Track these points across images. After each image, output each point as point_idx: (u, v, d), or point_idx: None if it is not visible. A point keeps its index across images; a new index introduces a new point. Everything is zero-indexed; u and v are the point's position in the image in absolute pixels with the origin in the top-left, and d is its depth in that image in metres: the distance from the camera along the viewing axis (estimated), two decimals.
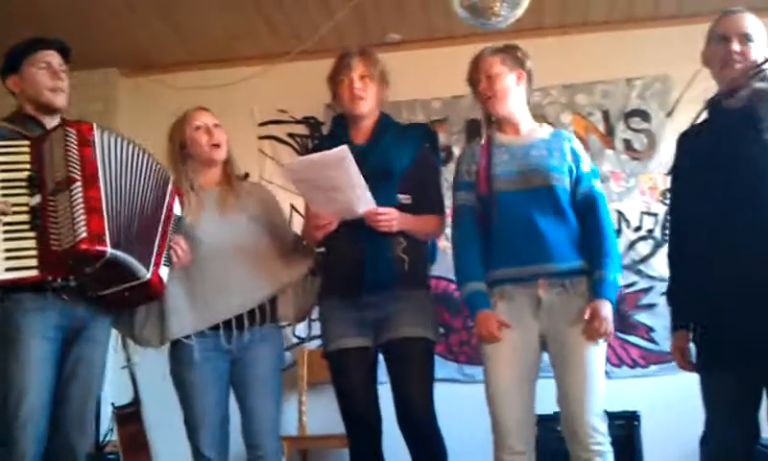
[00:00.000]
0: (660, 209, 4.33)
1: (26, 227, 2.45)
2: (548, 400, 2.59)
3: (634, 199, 4.43)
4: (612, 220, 2.87)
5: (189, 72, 4.78)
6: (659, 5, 4.42)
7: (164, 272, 2.68)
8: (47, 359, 2.51)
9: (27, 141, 2.55)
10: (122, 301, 2.67)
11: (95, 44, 4.37)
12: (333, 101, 2.93)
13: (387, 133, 2.83)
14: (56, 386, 2.54)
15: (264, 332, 2.84)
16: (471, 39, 3.70)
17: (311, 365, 4.24)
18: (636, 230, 4.39)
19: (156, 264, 2.62)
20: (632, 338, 4.28)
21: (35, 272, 2.43)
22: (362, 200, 2.63)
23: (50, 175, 2.48)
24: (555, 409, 2.58)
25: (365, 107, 2.80)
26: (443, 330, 3.94)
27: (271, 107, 4.76)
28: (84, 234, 2.39)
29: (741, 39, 2.45)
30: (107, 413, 3.58)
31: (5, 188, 2.47)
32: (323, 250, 2.88)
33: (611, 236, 2.64)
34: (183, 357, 2.80)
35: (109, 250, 2.43)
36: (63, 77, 2.73)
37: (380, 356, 2.78)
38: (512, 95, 2.70)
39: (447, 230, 2.89)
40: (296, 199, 2.86)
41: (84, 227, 2.40)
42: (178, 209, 2.81)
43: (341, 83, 2.81)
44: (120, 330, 2.92)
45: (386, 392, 2.72)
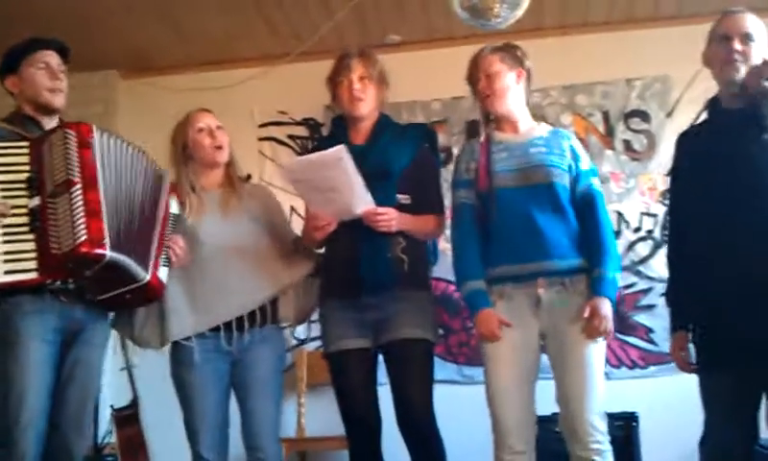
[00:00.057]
0: (660, 210, 4.33)
1: (25, 229, 2.44)
2: (547, 401, 2.59)
3: (633, 200, 4.43)
4: (612, 221, 2.87)
5: (189, 74, 4.78)
6: (658, 5, 4.42)
7: (163, 272, 2.68)
8: (46, 362, 2.51)
9: (26, 142, 2.54)
10: (122, 303, 2.67)
11: (94, 46, 4.37)
12: (333, 102, 2.92)
13: (386, 134, 2.82)
14: (54, 388, 2.54)
15: (265, 334, 2.83)
16: (471, 40, 3.69)
17: (310, 367, 4.24)
18: (636, 231, 4.39)
19: (155, 266, 2.62)
20: (631, 339, 4.28)
21: (34, 275, 2.42)
22: (360, 200, 2.62)
23: (49, 177, 2.47)
24: (553, 410, 2.58)
25: (364, 108, 2.79)
26: (442, 332, 3.94)
27: (271, 108, 4.76)
28: (84, 238, 2.38)
29: (743, 39, 2.44)
30: (105, 415, 3.59)
31: (4, 190, 2.46)
32: (323, 251, 2.87)
33: (609, 235, 2.63)
34: (184, 359, 2.79)
35: (109, 253, 2.43)
36: (62, 77, 2.72)
37: (380, 357, 2.77)
38: (511, 93, 2.70)
39: (447, 232, 2.88)
40: (296, 200, 2.85)
41: (85, 230, 2.39)
42: (174, 207, 2.81)
43: (340, 84, 2.80)
44: (120, 332, 2.91)
45: (385, 393, 2.72)
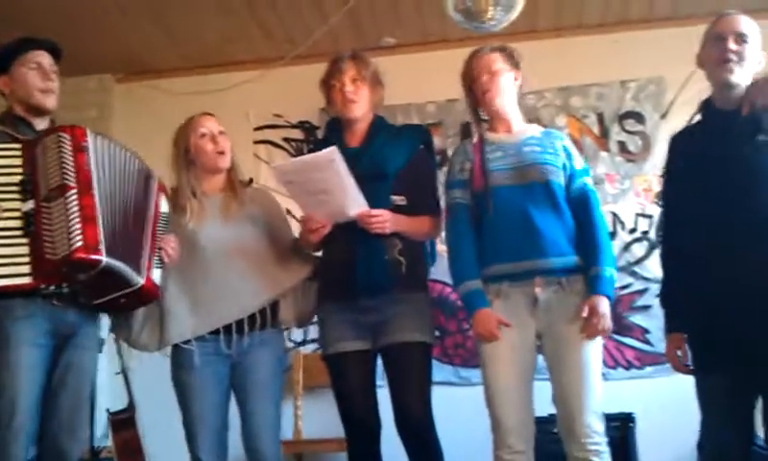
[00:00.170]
0: (655, 211, 4.33)
1: (19, 233, 2.41)
2: (543, 402, 2.59)
3: (628, 201, 4.44)
4: (607, 222, 2.86)
5: (184, 77, 4.78)
6: (653, 7, 4.43)
7: (157, 274, 2.67)
8: (37, 366, 2.48)
9: (19, 145, 2.50)
10: (117, 307, 2.66)
11: (89, 50, 4.37)
12: (327, 105, 2.92)
13: (381, 135, 2.82)
14: (46, 393, 2.53)
15: (264, 337, 2.82)
16: (466, 43, 3.69)
17: (307, 369, 4.25)
18: (631, 232, 4.40)
19: (149, 268, 2.61)
20: (627, 340, 4.29)
21: (28, 279, 2.39)
22: (354, 202, 2.62)
23: (43, 180, 2.44)
24: (550, 411, 2.58)
25: (357, 110, 2.79)
26: (438, 334, 3.93)
27: (266, 111, 4.76)
28: (80, 243, 2.36)
29: (737, 39, 2.45)
30: (101, 419, 3.58)
31: None
32: (320, 254, 2.87)
33: (605, 233, 2.64)
34: (184, 362, 2.79)
35: (105, 259, 2.41)
36: (54, 78, 2.68)
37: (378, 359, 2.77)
38: (509, 93, 2.72)
39: (443, 234, 2.87)
40: (291, 203, 2.85)
41: (80, 236, 2.37)
42: (164, 206, 2.80)
43: (333, 87, 2.80)
44: (117, 335, 2.91)
45: (383, 395, 2.72)
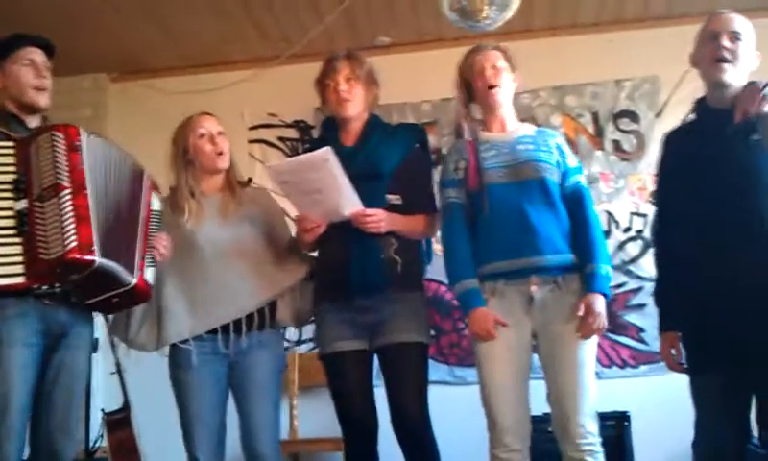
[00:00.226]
0: (650, 210, 4.31)
1: (12, 232, 2.39)
2: (539, 401, 2.59)
3: (623, 200, 4.44)
4: (602, 221, 2.87)
5: (179, 76, 4.77)
6: (648, 6, 4.43)
7: (149, 273, 2.67)
8: (29, 366, 2.47)
9: (12, 143, 2.49)
10: (110, 306, 2.66)
11: (84, 49, 4.36)
12: (322, 105, 2.92)
13: (376, 134, 2.81)
14: (39, 393, 2.52)
15: (263, 338, 2.82)
16: (461, 42, 3.69)
17: (302, 369, 4.24)
18: (626, 231, 4.41)
19: (141, 268, 2.61)
20: (622, 338, 4.29)
21: (21, 279, 2.37)
22: (348, 201, 2.62)
23: (37, 179, 2.42)
24: (544, 410, 2.58)
25: (352, 109, 2.79)
26: (433, 333, 3.94)
27: (261, 110, 4.75)
28: (74, 244, 2.35)
29: (731, 37, 2.46)
30: (97, 419, 3.57)
31: None
32: (316, 254, 2.87)
33: (599, 231, 2.65)
34: (182, 361, 2.79)
35: (98, 260, 2.40)
36: (47, 75, 2.66)
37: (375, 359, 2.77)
38: (509, 91, 2.73)
39: (438, 233, 2.87)
40: (287, 202, 2.85)
41: (74, 236, 2.36)
42: (156, 204, 2.79)
43: (328, 86, 2.80)
44: (115, 334, 2.91)
45: (380, 394, 2.72)
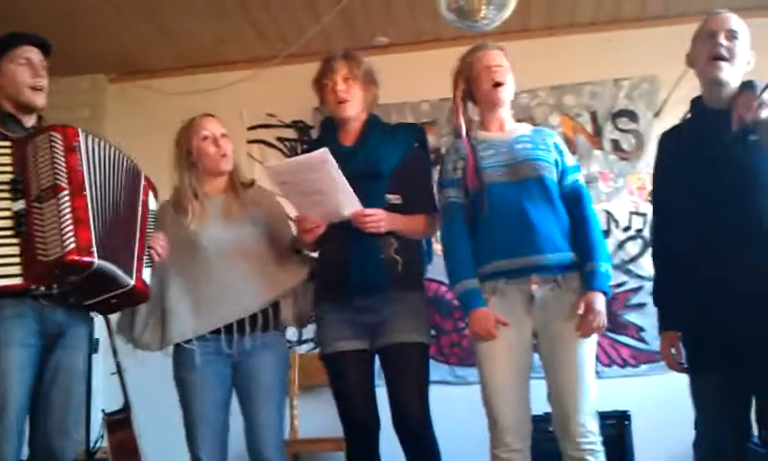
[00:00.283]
0: (649, 209, 4.31)
1: (9, 233, 2.38)
2: (539, 400, 2.59)
3: (622, 199, 4.44)
4: (601, 220, 2.87)
5: (177, 77, 4.77)
6: (645, 5, 4.44)
7: (147, 274, 2.66)
8: (26, 366, 2.47)
9: (9, 143, 2.47)
10: (108, 307, 2.66)
11: (81, 50, 4.36)
12: (320, 105, 2.92)
13: (375, 134, 2.81)
14: (37, 394, 2.51)
15: (267, 339, 2.82)
16: (459, 42, 3.69)
17: (302, 369, 4.24)
18: (625, 230, 4.41)
19: (139, 269, 2.60)
20: (622, 338, 4.29)
21: (19, 280, 2.36)
22: (347, 202, 2.62)
23: (34, 180, 2.41)
24: (545, 409, 2.58)
25: (350, 109, 2.79)
26: (434, 333, 3.93)
27: (259, 111, 4.75)
28: (73, 246, 2.34)
29: (728, 35, 2.47)
30: (97, 420, 3.56)
31: None
32: (316, 254, 2.87)
33: (598, 229, 2.65)
34: (185, 361, 2.80)
35: (97, 261, 2.39)
36: (44, 74, 2.65)
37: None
38: (511, 90, 2.74)
39: (438, 233, 2.87)
40: (286, 203, 2.85)
41: (73, 238, 2.34)
42: (152, 204, 2.79)
43: (326, 86, 2.81)
44: (120, 334, 2.92)
45: (381, 394, 2.72)
